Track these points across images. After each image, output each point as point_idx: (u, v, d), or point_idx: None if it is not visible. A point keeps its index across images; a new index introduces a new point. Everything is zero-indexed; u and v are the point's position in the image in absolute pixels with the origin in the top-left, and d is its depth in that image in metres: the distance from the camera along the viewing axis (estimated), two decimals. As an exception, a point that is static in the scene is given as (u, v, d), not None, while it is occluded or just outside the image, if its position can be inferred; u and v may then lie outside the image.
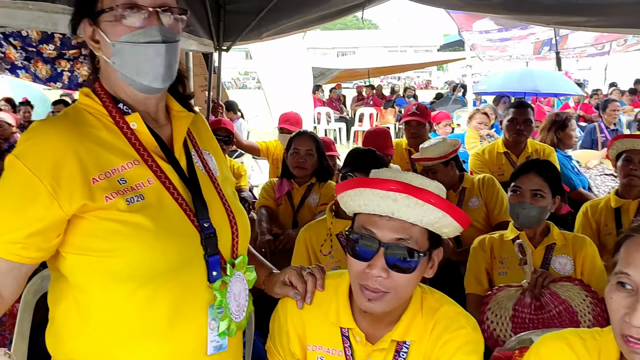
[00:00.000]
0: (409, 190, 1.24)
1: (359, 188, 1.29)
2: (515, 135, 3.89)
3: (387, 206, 1.25)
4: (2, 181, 1.14)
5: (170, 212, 1.21)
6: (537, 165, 2.39)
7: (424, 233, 1.29)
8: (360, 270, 1.30)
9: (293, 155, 3.35)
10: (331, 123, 13.58)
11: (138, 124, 1.23)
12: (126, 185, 1.17)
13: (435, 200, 1.24)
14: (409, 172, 1.32)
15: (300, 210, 3.38)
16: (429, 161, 3.21)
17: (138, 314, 1.19)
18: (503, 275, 2.38)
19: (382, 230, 1.27)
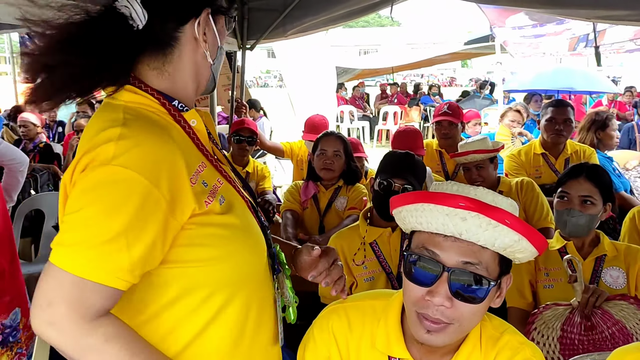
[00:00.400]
0: (481, 209, 1.07)
1: (421, 203, 1.13)
2: (554, 135, 3.68)
3: (454, 226, 1.09)
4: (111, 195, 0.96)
5: (245, 209, 1.19)
6: (586, 169, 2.20)
7: (495, 258, 1.13)
8: (419, 296, 1.14)
9: (320, 156, 3.20)
10: (354, 122, 13.40)
11: (198, 122, 1.16)
12: (209, 188, 1.09)
13: (511, 221, 1.07)
14: (479, 187, 1.14)
15: (327, 215, 3.24)
16: (478, 154, 3.03)
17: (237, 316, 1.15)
18: (549, 289, 2.20)
19: (447, 252, 1.12)
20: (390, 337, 1.24)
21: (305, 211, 3.29)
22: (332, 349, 1.28)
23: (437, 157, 3.89)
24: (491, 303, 1.17)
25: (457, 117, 3.85)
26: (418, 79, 33.58)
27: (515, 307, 2.25)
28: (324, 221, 3.24)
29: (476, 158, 3.04)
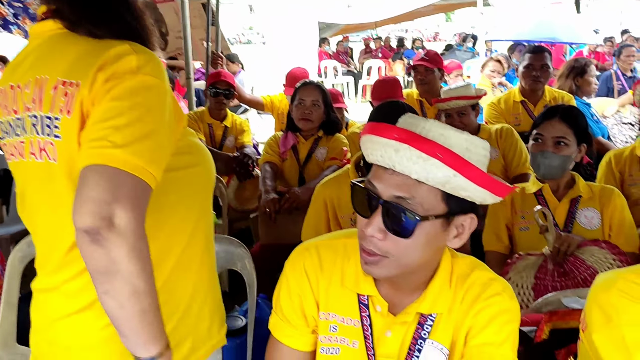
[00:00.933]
0: (411, 140, 1.02)
1: (367, 134, 1.10)
2: (532, 82, 3.69)
3: (389, 157, 1.05)
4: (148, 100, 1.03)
5: None
6: (561, 111, 2.19)
7: (437, 194, 1.07)
8: (360, 228, 1.14)
9: (298, 106, 3.16)
10: (338, 77, 13.24)
11: None
12: None
13: (444, 155, 1.01)
14: (432, 120, 1.09)
15: (306, 166, 3.23)
16: (460, 100, 3.01)
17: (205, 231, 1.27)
18: (525, 231, 2.22)
19: (384, 185, 1.09)
20: (359, 275, 1.23)
21: (284, 163, 3.27)
22: (305, 287, 1.27)
23: (417, 106, 3.86)
24: (447, 242, 1.15)
25: (433, 63, 3.81)
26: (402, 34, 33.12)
27: (492, 251, 2.28)
28: (303, 172, 3.22)
29: (458, 104, 3.02)
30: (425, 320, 1.21)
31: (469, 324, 1.18)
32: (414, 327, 1.21)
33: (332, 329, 1.26)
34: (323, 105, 3.16)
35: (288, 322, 1.28)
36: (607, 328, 1.14)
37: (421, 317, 1.21)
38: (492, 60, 5.69)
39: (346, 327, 1.25)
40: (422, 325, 1.21)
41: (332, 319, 1.26)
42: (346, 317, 1.25)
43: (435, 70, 3.83)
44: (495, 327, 1.16)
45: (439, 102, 3.17)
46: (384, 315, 1.22)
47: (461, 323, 1.19)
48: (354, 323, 1.24)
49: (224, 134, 3.91)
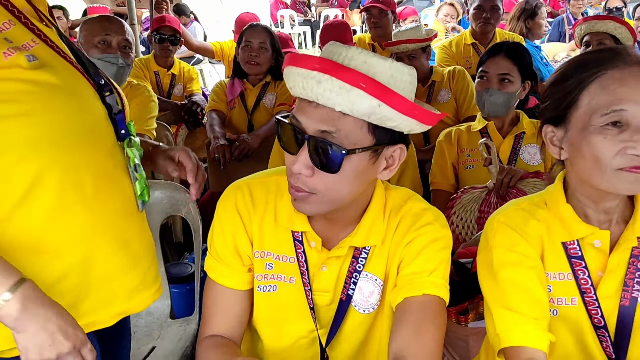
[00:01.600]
0: (332, 70, 0.96)
1: (288, 66, 1.04)
2: (482, 24, 3.66)
3: (310, 89, 0.99)
4: None
5: (67, 69, 1.11)
6: (505, 47, 2.18)
7: (363, 126, 1.03)
8: (288, 166, 1.10)
9: (244, 49, 3.04)
10: (295, 27, 12.98)
11: None
12: (15, 45, 1.02)
13: (366, 85, 0.96)
14: (354, 47, 1.03)
15: (255, 113, 3.14)
16: (410, 43, 2.96)
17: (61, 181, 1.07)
18: (470, 169, 2.24)
19: (308, 119, 1.03)
20: (292, 212, 1.20)
21: (232, 111, 3.18)
22: (238, 226, 1.23)
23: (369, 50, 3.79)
24: (377, 175, 1.12)
25: (387, 5, 3.73)
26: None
27: (438, 189, 2.29)
28: (252, 119, 3.14)
29: (408, 48, 2.97)
30: (359, 253, 1.20)
31: (401, 255, 1.18)
32: (349, 260, 1.21)
33: (267, 266, 1.24)
34: (271, 49, 3.06)
35: (222, 262, 1.24)
36: (484, 250, 1.19)
37: (355, 250, 1.20)
38: (446, 5, 5.65)
39: (282, 264, 1.23)
40: (357, 259, 1.21)
41: (267, 257, 1.24)
42: (282, 255, 1.23)
43: (389, 12, 3.75)
44: (426, 255, 1.16)
45: (390, 46, 3.12)
46: (318, 250, 1.21)
47: (394, 254, 1.19)
48: (289, 260, 1.23)
49: (171, 82, 3.78)
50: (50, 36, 1.12)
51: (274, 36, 3.10)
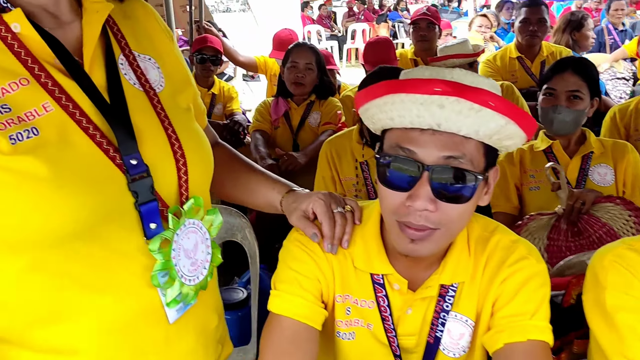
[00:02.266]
0: (460, 92, 0.90)
1: (391, 94, 0.95)
2: (528, 37, 3.55)
3: (431, 115, 0.92)
4: None
5: (78, 148, 0.84)
6: (572, 63, 2.08)
7: (480, 148, 0.97)
8: (398, 203, 0.99)
9: (290, 69, 3.00)
10: (322, 42, 13.00)
11: (22, 25, 0.83)
12: (10, 116, 0.80)
13: (495, 104, 0.90)
14: (455, 69, 0.97)
15: (300, 132, 3.10)
16: (457, 58, 2.89)
17: (49, 290, 0.85)
18: (535, 191, 2.14)
19: (426, 148, 0.95)
20: (370, 253, 1.12)
21: (277, 130, 3.13)
22: (313, 270, 1.13)
23: (412, 66, 3.72)
24: (480, 201, 1.04)
25: (436, 19, 3.66)
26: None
27: (501, 212, 2.19)
28: (297, 139, 3.09)
29: (455, 63, 2.90)
30: (446, 291, 1.12)
31: (495, 293, 1.09)
32: (435, 300, 1.12)
33: (347, 311, 1.15)
34: (316, 69, 3.02)
35: (295, 295, 1.12)
36: (594, 290, 1.09)
37: (442, 289, 1.12)
38: (479, 17, 5.55)
39: (360, 309, 1.14)
40: (444, 297, 1.12)
41: (346, 301, 1.15)
42: (360, 299, 1.14)
43: (436, 26, 3.68)
44: (525, 294, 1.06)
45: (436, 61, 3.04)
46: (402, 292, 1.12)
47: (486, 292, 1.10)
48: (368, 304, 1.14)
49: (211, 102, 3.75)
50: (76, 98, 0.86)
51: (320, 56, 3.07)
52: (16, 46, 0.82)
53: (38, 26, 0.84)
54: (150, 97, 0.96)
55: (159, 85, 0.99)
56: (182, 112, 1.02)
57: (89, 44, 0.89)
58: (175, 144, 0.95)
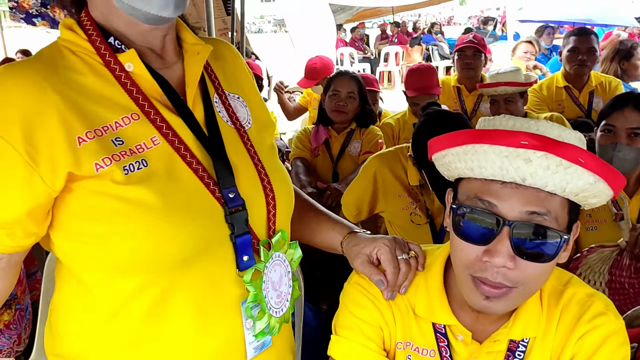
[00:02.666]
0: (549, 147, 0.86)
1: (472, 144, 0.92)
2: (577, 66, 3.46)
3: (515, 169, 0.88)
4: None
5: (183, 181, 0.91)
6: (633, 99, 1.99)
7: (565, 205, 0.92)
8: (474, 257, 0.94)
9: (332, 97, 2.98)
10: (355, 64, 13.05)
11: (135, 65, 0.91)
12: (123, 148, 0.88)
13: (585, 160, 0.86)
14: (541, 120, 0.93)
15: (340, 160, 3.05)
16: (510, 86, 2.80)
17: (149, 313, 0.92)
18: (592, 231, 2.03)
19: (508, 202, 0.91)
20: (433, 302, 1.07)
21: (316, 158, 3.10)
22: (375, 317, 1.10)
23: (454, 94, 3.66)
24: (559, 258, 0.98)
25: (482, 47, 3.59)
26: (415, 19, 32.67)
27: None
28: (337, 167, 3.05)
29: (507, 91, 2.82)
30: (516, 346, 1.05)
31: (571, 351, 1.02)
32: (504, 355, 1.05)
33: (407, 359, 1.11)
34: (358, 97, 3.00)
35: (357, 343, 1.10)
36: None
37: (511, 344, 1.05)
38: (523, 42, 5.45)
39: (422, 358, 1.09)
40: (514, 353, 1.05)
41: (407, 348, 1.10)
42: (421, 347, 1.09)
43: (482, 54, 3.61)
44: (605, 354, 1.01)
45: (485, 87, 2.97)
46: (467, 343, 1.06)
47: (560, 349, 1.03)
48: (430, 353, 1.09)
49: (250, 127, 3.76)
50: (180, 133, 0.94)
51: (362, 84, 3.05)
52: (129, 84, 0.91)
53: (148, 66, 0.93)
54: (241, 134, 1.03)
55: (247, 122, 1.06)
56: (268, 149, 1.08)
57: (192, 83, 0.97)
58: (265, 179, 1.01)
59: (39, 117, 0.83)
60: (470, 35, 3.64)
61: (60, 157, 0.83)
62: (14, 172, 0.83)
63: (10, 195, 0.85)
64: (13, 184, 0.84)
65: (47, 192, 0.85)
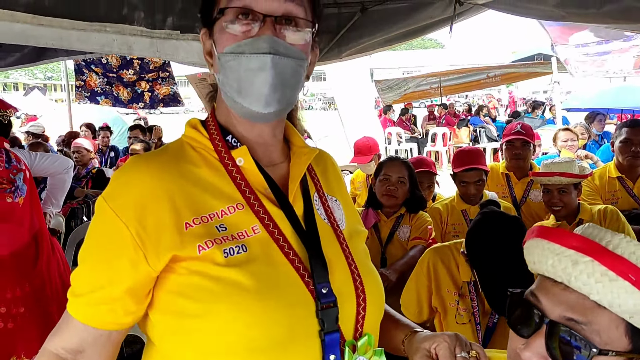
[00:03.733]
0: (596, 253, 0.86)
1: (535, 238, 0.95)
2: (630, 158, 3.42)
3: (562, 269, 0.88)
4: (91, 227, 0.98)
5: (279, 269, 0.95)
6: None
7: (619, 325, 0.87)
8: (513, 348, 0.96)
9: (383, 182, 3.02)
10: (402, 143, 13.22)
11: (245, 160, 1.02)
12: (226, 233, 0.95)
13: (637, 278, 0.83)
14: (622, 235, 0.90)
15: (388, 245, 3.04)
16: (564, 177, 2.80)
17: None
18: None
19: (552, 301, 0.91)
20: None
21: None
22: None
23: (503, 180, 3.65)
24: None
25: (530, 137, 3.61)
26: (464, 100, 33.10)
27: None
28: (385, 252, 3.03)
29: (561, 181, 2.81)
30: None
31: None
32: None
33: None
34: (408, 183, 3.03)
35: None
36: None
37: None
38: (562, 131, 5.38)
39: None
40: None
41: None
42: None
43: (531, 144, 3.63)
44: None
45: (539, 176, 2.96)
46: None
47: None
48: None
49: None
50: (280, 225, 0.99)
51: (412, 170, 3.09)
52: (239, 178, 1.00)
53: (256, 161, 1.02)
54: (337, 234, 1.07)
55: (342, 223, 1.11)
56: (361, 252, 1.12)
57: (295, 180, 1.05)
58: (357, 280, 1.03)
59: (153, 204, 0.93)
60: (518, 125, 3.67)
61: (167, 240, 0.91)
62: (123, 250, 0.92)
63: (117, 272, 0.93)
64: (120, 261, 0.92)
65: (147, 272, 0.93)
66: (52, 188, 3.54)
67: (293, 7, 0.97)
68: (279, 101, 0.97)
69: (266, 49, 0.93)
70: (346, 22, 3.98)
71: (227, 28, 0.97)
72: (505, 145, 3.67)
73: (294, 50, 0.97)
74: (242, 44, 0.95)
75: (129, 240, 0.92)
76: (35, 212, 3.07)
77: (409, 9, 3.87)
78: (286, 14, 0.97)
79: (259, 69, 0.93)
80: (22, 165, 3.04)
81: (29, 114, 13.62)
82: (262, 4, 0.95)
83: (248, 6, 0.95)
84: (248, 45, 0.94)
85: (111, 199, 0.94)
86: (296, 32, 0.98)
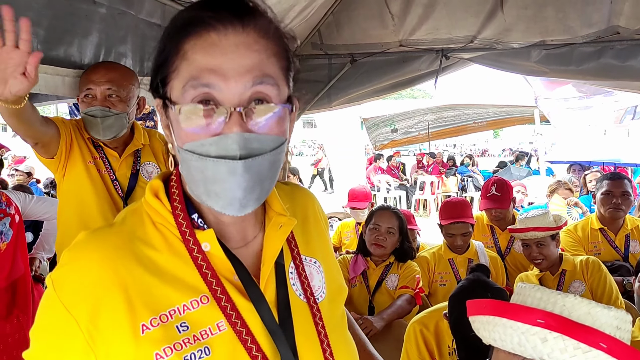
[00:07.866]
0: (565, 328, 0.87)
1: (492, 316, 0.95)
2: (612, 210, 3.50)
3: (532, 348, 0.89)
4: (39, 316, 0.85)
5: None
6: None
7: None
8: None
9: (372, 230, 3.07)
10: (391, 191, 13.33)
11: (211, 245, 0.87)
12: (187, 334, 0.83)
13: (608, 345, 0.86)
14: (570, 296, 0.93)
15: (376, 293, 3.08)
16: (539, 231, 2.86)
17: None
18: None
19: None
20: None
21: (353, 288, 3.13)
22: None
23: (488, 231, 3.73)
24: None
25: (507, 200, 3.69)
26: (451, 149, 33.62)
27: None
28: (373, 300, 3.07)
29: (537, 235, 2.87)
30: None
31: None
32: None
33: None
34: (398, 233, 3.07)
35: None
36: None
37: None
38: (562, 188, 5.51)
39: None
40: None
41: None
42: None
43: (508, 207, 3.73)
44: None
45: (516, 232, 3.04)
46: None
47: None
48: None
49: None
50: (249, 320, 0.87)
51: (403, 220, 3.13)
52: (205, 267, 0.86)
53: (224, 245, 0.88)
54: (313, 313, 0.95)
55: (321, 293, 0.99)
56: (338, 321, 1.02)
57: (268, 262, 0.91)
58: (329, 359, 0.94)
59: (107, 298, 0.82)
60: (493, 187, 3.69)
61: (120, 345, 0.81)
62: (72, 349, 0.81)
63: None
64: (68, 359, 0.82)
65: None
66: (46, 233, 3.39)
67: (263, 88, 0.80)
68: (258, 199, 0.83)
69: (235, 150, 0.77)
70: (336, 73, 4.12)
71: (184, 119, 0.80)
72: (485, 212, 3.78)
73: (269, 141, 0.80)
74: (206, 144, 0.78)
75: (79, 339, 0.81)
76: (20, 258, 2.95)
77: (397, 61, 4.03)
78: (254, 97, 0.80)
79: (229, 174, 0.78)
80: (12, 209, 2.93)
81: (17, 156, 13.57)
82: (225, 92, 0.78)
83: (209, 96, 0.79)
84: (213, 146, 0.78)
85: (60, 289, 0.82)
86: (268, 109, 0.80)
